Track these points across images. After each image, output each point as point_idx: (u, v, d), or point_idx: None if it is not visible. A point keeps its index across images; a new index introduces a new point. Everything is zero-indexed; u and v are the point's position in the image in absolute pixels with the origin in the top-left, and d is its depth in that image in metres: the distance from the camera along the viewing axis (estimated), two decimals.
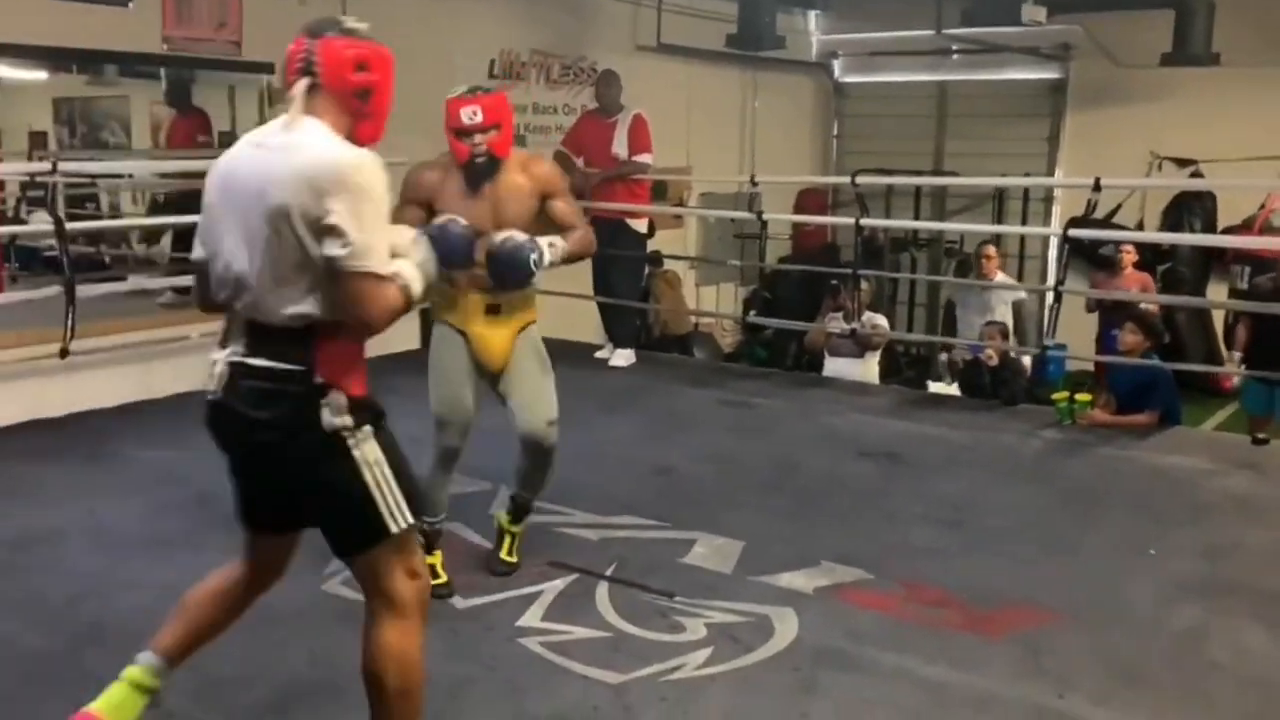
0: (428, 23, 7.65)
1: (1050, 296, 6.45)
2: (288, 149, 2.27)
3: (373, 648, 2.40)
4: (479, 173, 3.54)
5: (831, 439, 5.74)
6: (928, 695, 3.10)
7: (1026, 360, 7.25)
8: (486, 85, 3.78)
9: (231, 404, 2.36)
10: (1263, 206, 8.95)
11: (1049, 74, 11.31)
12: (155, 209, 7.74)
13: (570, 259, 3.61)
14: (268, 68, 6.51)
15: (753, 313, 9.43)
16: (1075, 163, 10.64)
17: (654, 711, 2.98)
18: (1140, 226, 10.38)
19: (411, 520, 2.39)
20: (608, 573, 3.83)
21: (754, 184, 8.00)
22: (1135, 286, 7.84)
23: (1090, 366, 7.65)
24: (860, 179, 7.31)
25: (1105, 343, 7.39)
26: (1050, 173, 11.09)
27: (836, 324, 7.37)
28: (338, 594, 3.61)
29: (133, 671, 2.49)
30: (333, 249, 2.22)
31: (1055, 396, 6.04)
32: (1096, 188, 6.11)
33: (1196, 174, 10.15)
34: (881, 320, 7.57)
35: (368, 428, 2.36)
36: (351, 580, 3.64)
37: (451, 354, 3.70)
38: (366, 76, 2.39)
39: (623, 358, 7.24)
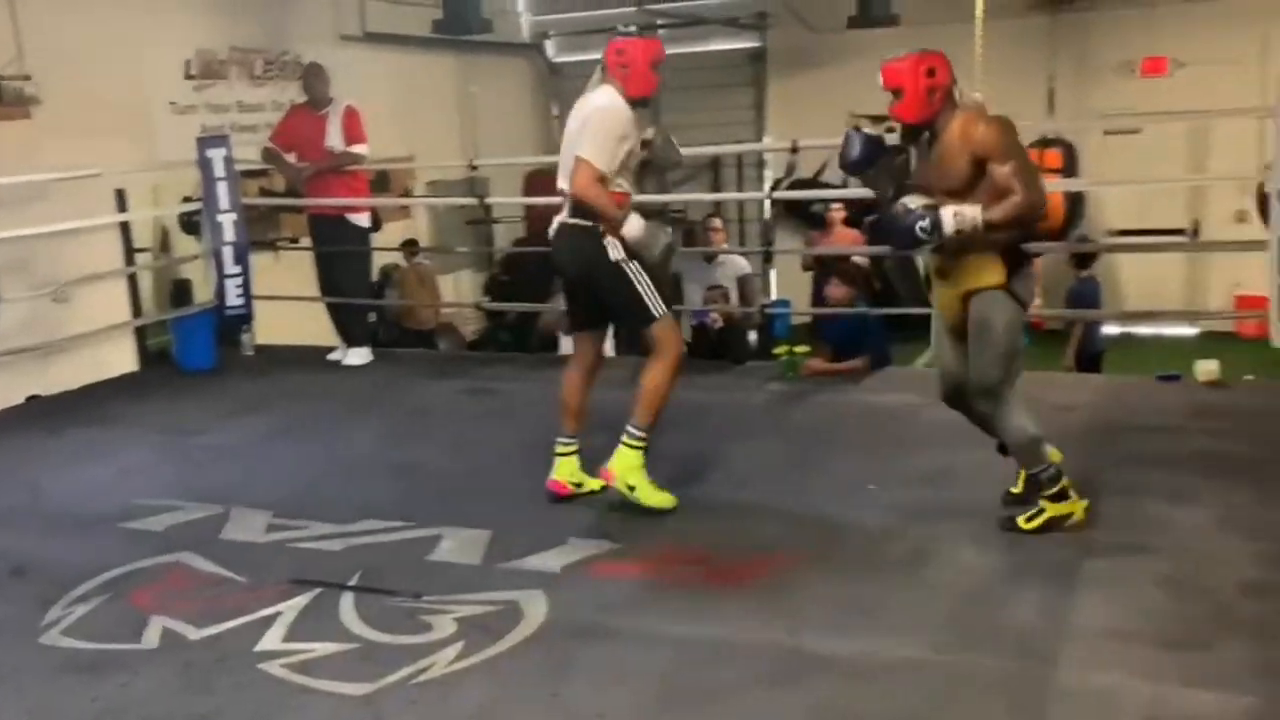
0: (111, 23, 7.20)
1: (763, 257, 6.74)
2: None
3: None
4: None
5: None
6: (675, 653, 3.20)
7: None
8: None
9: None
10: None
11: (749, 43, 11.77)
12: None
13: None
14: None
15: (486, 299, 9.41)
16: (781, 127, 11.14)
17: (406, 716, 2.95)
18: (845, 184, 10.95)
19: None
20: (351, 582, 3.75)
21: (474, 169, 7.97)
22: (846, 242, 8.29)
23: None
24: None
25: (820, 297, 7.78)
26: (759, 139, 11.55)
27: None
28: (56, 645, 3.39)
29: (563, 448, 4.41)
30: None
31: (776, 351, 6.34)
32: (794, 150, 6.42)
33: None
34: None
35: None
36: (72, 629, 3.46)
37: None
38: None
39: (357, 356, 7.08)
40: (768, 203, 9.94)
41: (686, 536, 4.05)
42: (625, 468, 4.24)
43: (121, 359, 7.18)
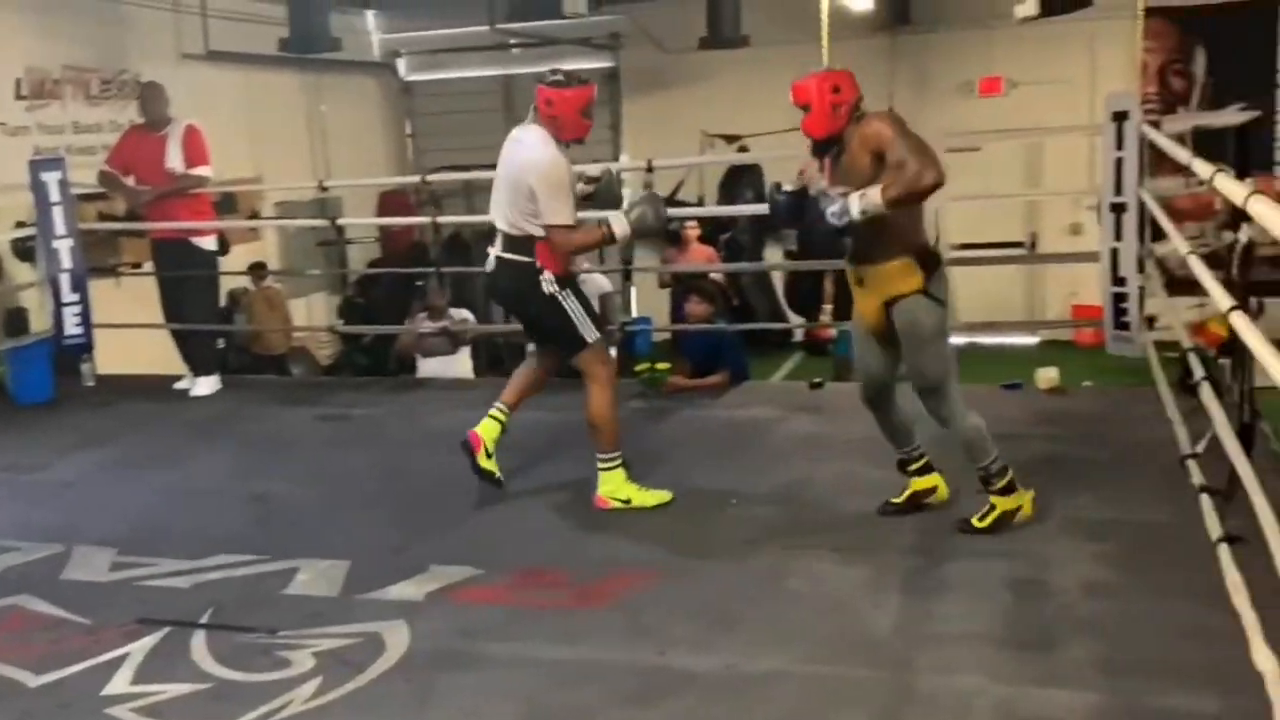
0: None
1: (624, 275, 6.79)
2: None
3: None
4: None
5: (435, 440, 5.70)
6: (540, 676, 3.18)
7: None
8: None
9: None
10: (801, 173, 9.82)
11: (604, 63, 11.83)
12: None
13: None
14: None
15: (341, 322, 9.23)
16: (636, 146, 11.22)
17: None
18: (701, 201, 11.14)
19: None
20: (202, 620, 3.62)
21: (324, 189, 7.82)
22: (701, 259, 8.41)
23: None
24: (433, 177, 7.34)
25: (678, 314, 7.88)
26: (616, 158, 11.61)
27: (426, 324, 7.38)
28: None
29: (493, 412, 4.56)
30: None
31: (637, 369, 6.38)
32: (649, 169, 6.48)
33: (743, 148, 11.02)
34: (468, 315, 7.65)
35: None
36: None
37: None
38: None
39: (205, 385, 6.84)
40: None
41: (549, 558, 4.04)
42: (611, 489, 4.50)
43: None
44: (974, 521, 4.01)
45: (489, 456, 4.63)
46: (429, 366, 7.48)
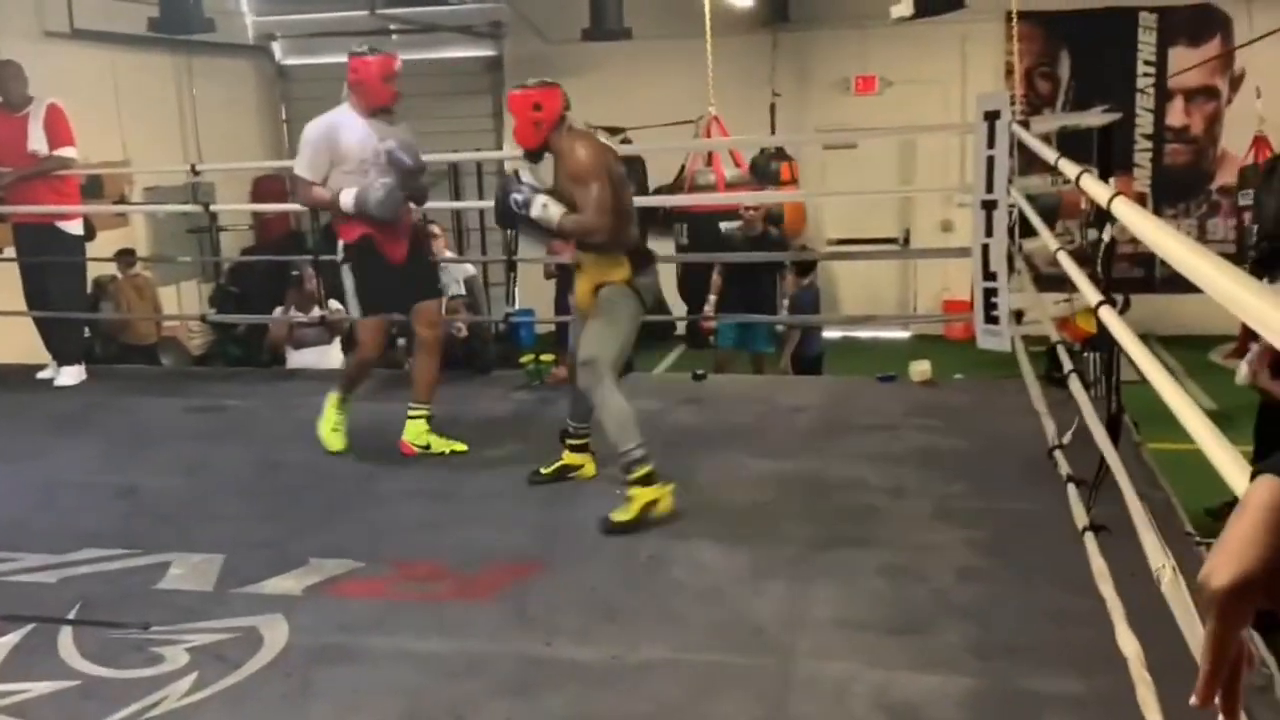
0: None
1: (508, 266, 6.75)
2: None
3: None
4: None
5: (310, 432, 5.58)
6: (423, 669, 3.15)
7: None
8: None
9: None
10: (683, 168, 9.91)
11: (485, 51, 11.76)
12: None
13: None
14: None
15: (212, 310, 8.98)
16: None
17: None
18: None
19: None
20: (70, 615, 3.49)
21: (195, 173, 7.59)
22: None
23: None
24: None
25: (563, 305, 7.86)
26: (499, 147, 11.55)
27: (298, 314, 7.23)
28: None
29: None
30: None
31: (522, 360, 6.36)
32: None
33: (626, 141, 11.03)
34: (340, 305, 7.53)
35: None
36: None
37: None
38: None
39: (70, 375, 6.59)
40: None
41: (430, 551, 4.00)
42: (413, 434, 5.02)
43: None
44: (614, 518, 4.10)
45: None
46: (301, 358, 7.34)
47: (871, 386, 6.09)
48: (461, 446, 5.02)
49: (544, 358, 6.28)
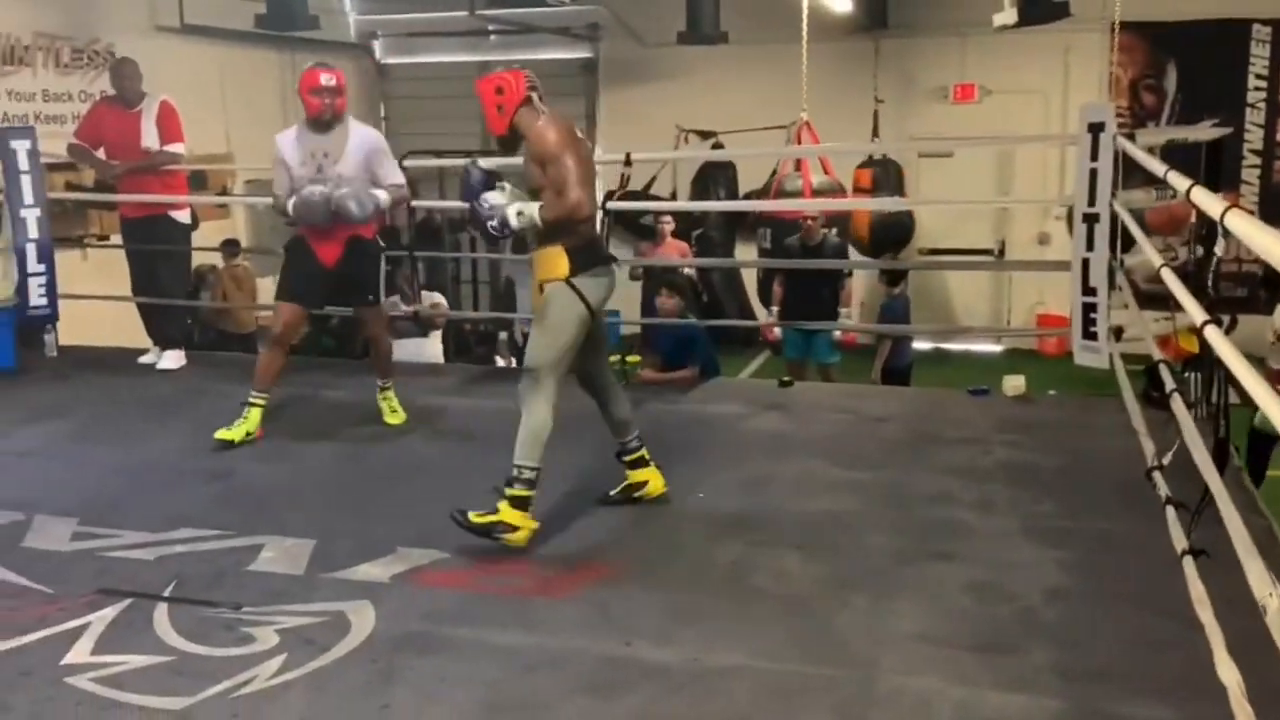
0: None
1: None
2: None
3: None
4: None
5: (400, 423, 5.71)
6: (505, 663, 3.18)
7: None
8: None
9: None
10: (774, 173, 9.87)
11: (581, 53, 11.83)
12: None
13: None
14: None
15: None
16: (612, 138, 11.23)
17: None
18: (674, 196, 11.15)
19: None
20: (165, 593, 3.59)
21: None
22: (675, 253, 8.43)
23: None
24: (409, 163, 7.28)
25: (649, 308, 7.88)
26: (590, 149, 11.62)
27: (395, 307, 7.34)
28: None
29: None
30: None
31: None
32: (628, 162, 6.47)
33: (718, 145, 11.03)
34: (440, 299, 7.63)
35: None
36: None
37: None
38: None
39: (171, 359, 6.78)
40: (600, 213, 9.99)
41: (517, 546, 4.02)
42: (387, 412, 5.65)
43: None
44: (472, 517, 3.95)
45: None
46: (399, 349, 7.44)
47: (961, 399, 5.99)
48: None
49: (630, 359, 6.29)
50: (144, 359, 6.88)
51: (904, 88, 11.28)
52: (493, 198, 4.12)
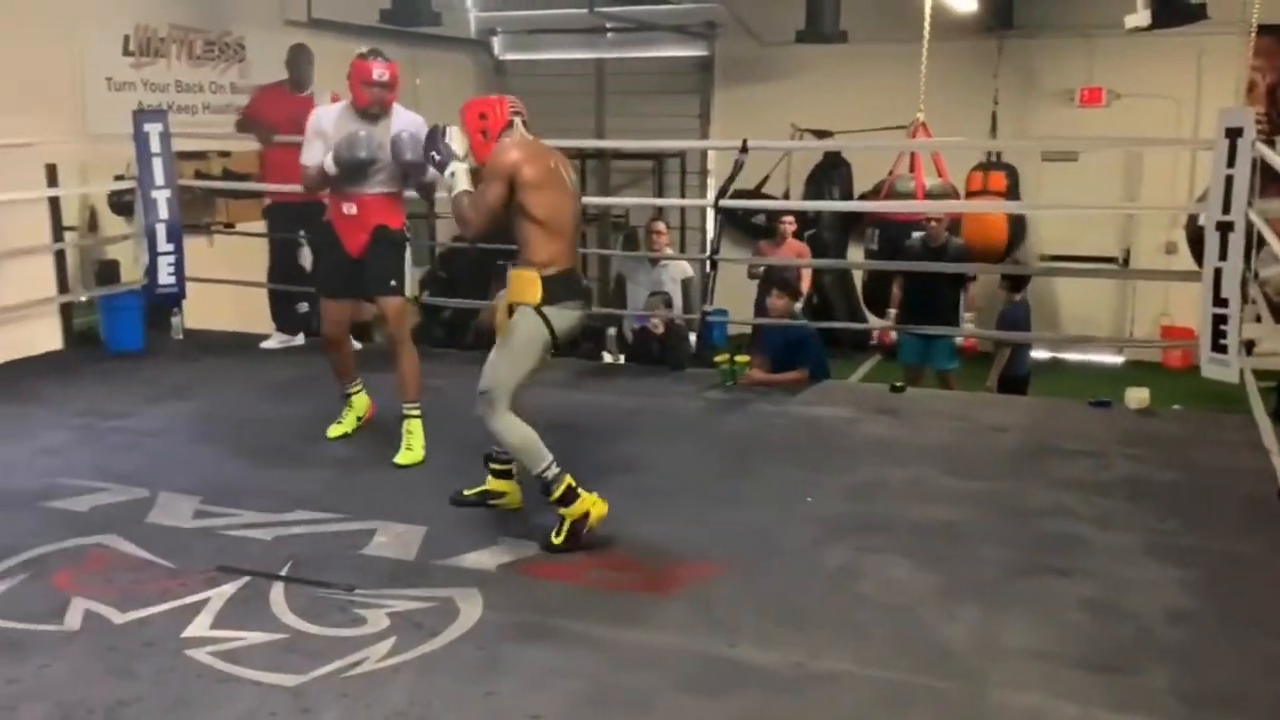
0: None
1: (708, 265, 6.76)
2: None
3: None
4: None
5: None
6: (609, 657, 3.19)
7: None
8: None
9: None
10: (890, 173, 9.73)
11: (697, 51, 11.81)
12: None
13: None
14: None
15: (426, 293, 9.32)
16: (725, 136, 11.18)
17: (335, 710, 2.90)
18: (787, 195, 11.06)
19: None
20: (282, 572, 3.69)
21: None
22: (793, 254, 8.36)
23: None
24: None
25: (762, 307, 7.83)
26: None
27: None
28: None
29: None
30: None
31: (716, 359, 6.36)
32: (744, 149, 6.42)
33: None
34: None
35: None
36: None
37: None
38: None
39: (285, 341, 7.00)
40: (711, 210, 9.98)
41: (620, 541, 4.03)
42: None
43: (46, 337, 7.00)
44: (553, 540, 3.92)
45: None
46: None
47: (1081, 410, 5.83)
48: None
49: (739, 358, 6.26)
50: (265, 344, 7.08)
51: (1027, 90, 11.00)
52: (455, 146, 4.14)
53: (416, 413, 5.00)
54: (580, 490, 3.95)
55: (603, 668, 3.14)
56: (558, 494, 3.92)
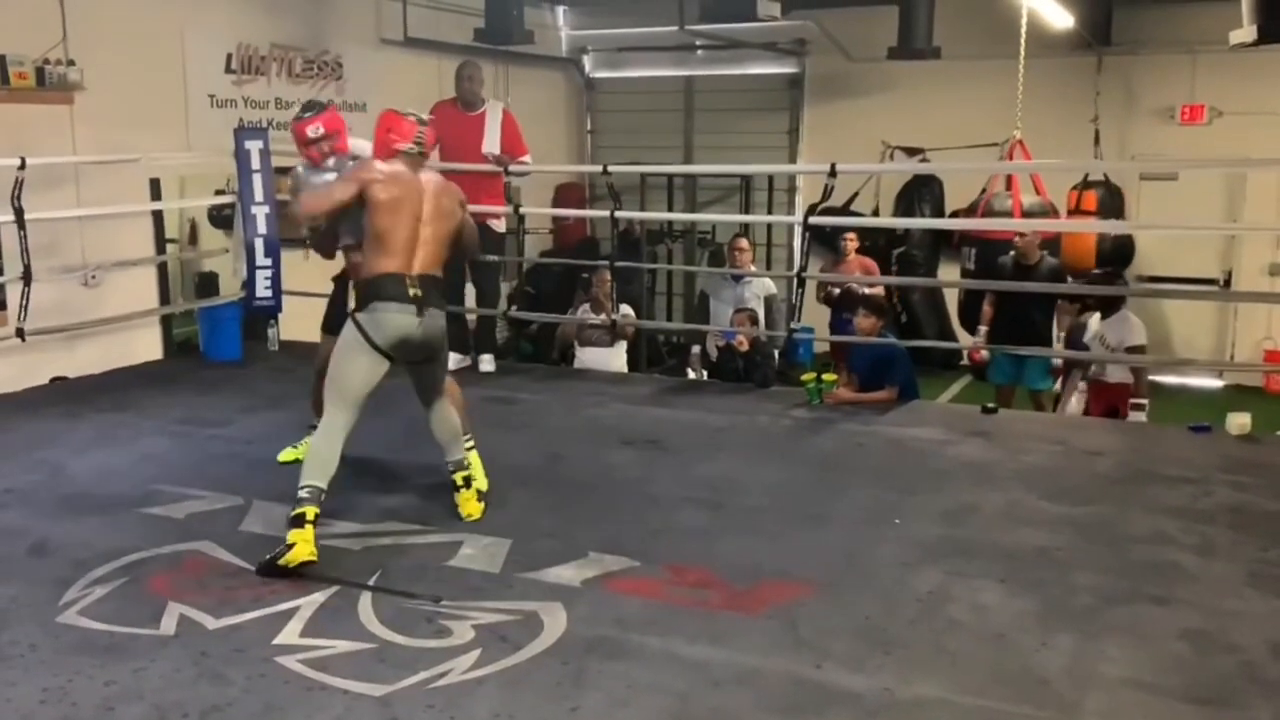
0: (156, 11, 7.26)
1: (795, 282, 6.70)
2: None
3: None
4: None
5: (595, 430, 5.79)
6: (694, 675, 3.16)
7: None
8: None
9: None
10: (984, 191, 9.57)
11: (787, 68, 11.77)
12: None
13: None
14: None
15: (514, 308, 9.39)
16: (814, 153, 11.13)
17: (421, 719, 2.92)
18: (876, 212, 10.95)
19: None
20: (370, 582, 3.73)
21: (508, 175, 7.94)
22: (858, 270, 8.26)
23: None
24: (612, 168, 7.36)
25: (838, 325, 7.74)
26: (793, 162, 11.55)
27: (589, 315, 7.46)
28: (73, 625, 3.41)
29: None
30: None
31: (804, 378, 6.31)
32: (832, 173, 6.37)
33: (924, 161, 10.77)
34: (629, 311, 7.72)
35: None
36: (89, 610, 3.45)
37: None
38: None
39: (486, 363, 7.14)
40: (798, 228, 9.93)
41: (703, 558, 4.01)
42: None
43: (147, 347, 7.21)
44: (264, 559, 3.79)
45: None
46: (587, 357, 7.58)
47: (1180, 436, 5.67)
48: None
49: (826, 376, 6.20)
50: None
51: (1126, 107, 10.74)
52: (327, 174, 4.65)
53: (470, 444, 4.76)
54: (311, 529, 3.82)
55: (687, 686, 3.11)
56: (297, 514, 3.83)
